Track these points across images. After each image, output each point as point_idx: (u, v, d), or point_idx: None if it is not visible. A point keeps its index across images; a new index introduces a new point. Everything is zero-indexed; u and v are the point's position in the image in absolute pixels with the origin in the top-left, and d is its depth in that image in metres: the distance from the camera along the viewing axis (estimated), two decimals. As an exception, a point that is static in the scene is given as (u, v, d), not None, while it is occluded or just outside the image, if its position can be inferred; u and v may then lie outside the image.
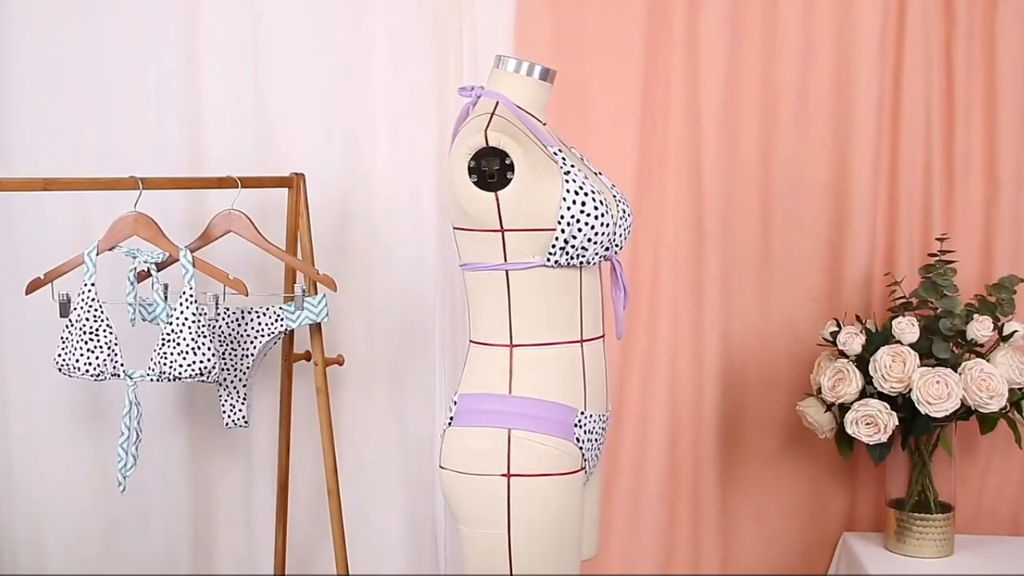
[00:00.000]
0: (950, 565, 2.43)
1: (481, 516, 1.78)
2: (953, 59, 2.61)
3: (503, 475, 1.76)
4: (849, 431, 2.37)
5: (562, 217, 1.73)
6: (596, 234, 1.76)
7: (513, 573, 1.77)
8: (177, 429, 2.60)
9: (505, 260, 1.77)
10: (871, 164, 2.61)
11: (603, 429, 1.89)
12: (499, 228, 1.75)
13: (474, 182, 1.72)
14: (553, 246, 1.75)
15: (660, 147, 2.63)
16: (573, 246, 1.75)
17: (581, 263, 1.78)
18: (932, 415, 2.31)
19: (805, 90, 2.63)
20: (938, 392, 2.29)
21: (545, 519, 1.78)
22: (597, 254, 1.79)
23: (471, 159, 1.72)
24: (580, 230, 1.74)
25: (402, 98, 2.61)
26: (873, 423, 2.34)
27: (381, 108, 2.61)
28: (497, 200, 1.72)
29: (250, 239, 2.27)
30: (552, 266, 1.77)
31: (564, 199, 1.74)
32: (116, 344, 2.12)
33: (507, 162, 1.71)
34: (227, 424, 2.34)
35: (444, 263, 2.65)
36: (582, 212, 1.74)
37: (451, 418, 1.84)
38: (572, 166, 1.79)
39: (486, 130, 1.72)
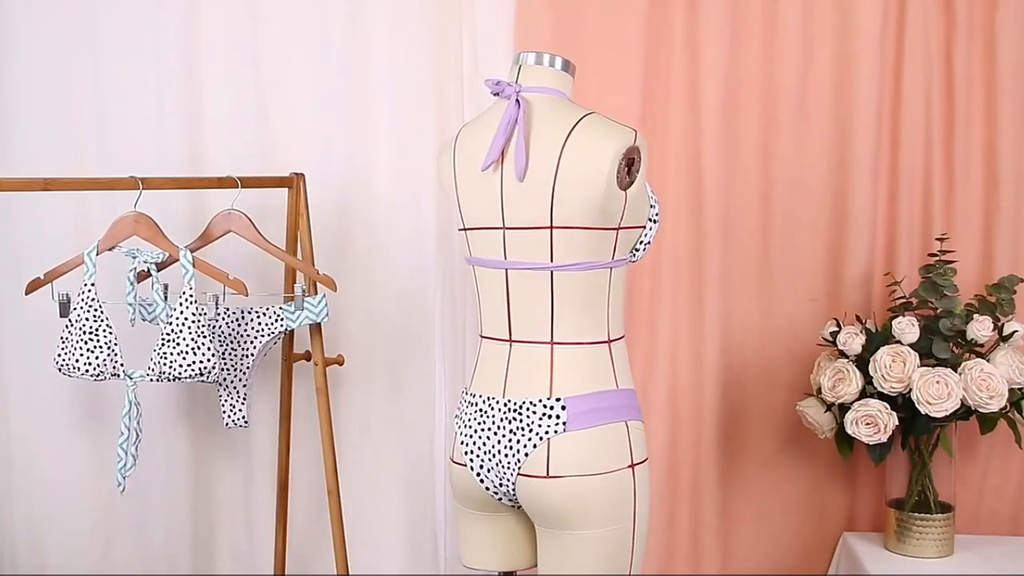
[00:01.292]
0: (950, 565, 2.43)
1: (613, 513, 1.79)
2: (953, 59, 2.61)
3: (628, 466, 1.80)
4: (849, 431, 2.37)
5: (651, 216, 1.85)
6: (658, 231, 1.89)
7: (633, 561, 1.83)
8: (177, 429, 2.60)
9: (612, 258, 1.81)
10: (871, 164, 2.61)
11: None
12: (617, 226, 1.79)
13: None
14: (641, 242, 1.86)
15: (660, 147, 2.63)
16: (649, 242, 1.87)
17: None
18: (932, 415, 2.31)
19: (805, 90, 2.63)
20: (938, 392, 2.29)
21: (649, 500, 1.86)
22: None
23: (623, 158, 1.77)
24: (657, 226, 1.87)
25: (402, 98, 2.61)
26: (873, 423, 2.34)
27: (381, 108, 2.61)
28: (626, 198, 1.77)
29: (250, 239, 2.27)
30: (633, 262, 1.88)
31: (651, 197, 1.86)
32: (116, 344, 2.12)
33: (639, 160, 1.78)
34: (227, 424, 2.34)
35: (444, 263, 2.65)
36: (659, 211, 1.88)
37: (563, 423, 1.78)
38: None
39: (635, 130, 1.78)
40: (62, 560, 2.58)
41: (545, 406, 1.79)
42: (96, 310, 2.11)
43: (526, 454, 1.79)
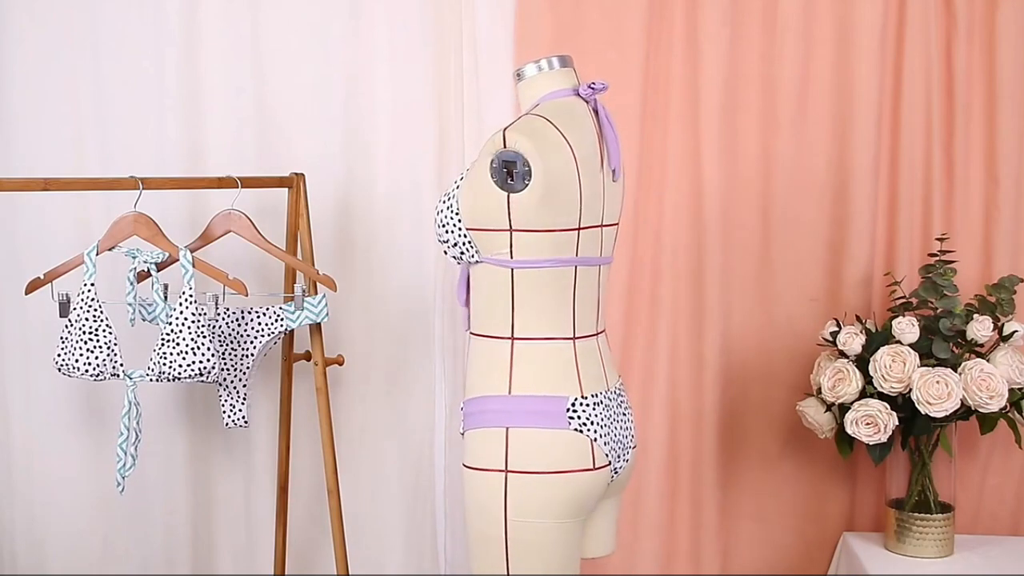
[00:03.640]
0: (950, 565, 2.42)
1: None
2: (953, 59, 2.61)
3: None
4: (849, 431, 2.37)
5: None
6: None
7: None
8: (177, 429, 2.60)
9: None
10: (871, 164, 2.61)
11: None
12: None
13: None
14: None
15: (660, 147, 2.63)
16: None
17: None
18: (932, 415, 2.31)
19: (805, 90, 2.63)
20: (938, 392, 2.29)
21: None
22: None
23: None
24: None
25: (402, 98, 2.61)
26: (873, 423, 2.34)
27: (381, 108, 2.61)
28: None
29: (250, 239, 2.27)
30: None
31: None
32: (116, 344, 2.12)
33: None
34: (227, 424, 2.34)
35: (444, 263, 2.64)
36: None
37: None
38: None
39: None
40: (62, 559, 2.58)
41: (623, 384, 1.96)
42: (96, 310, 2.11)
43: (634, 429, 1.96)
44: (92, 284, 2.11)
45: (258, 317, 2.30)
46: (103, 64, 2.53)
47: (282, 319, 2.29)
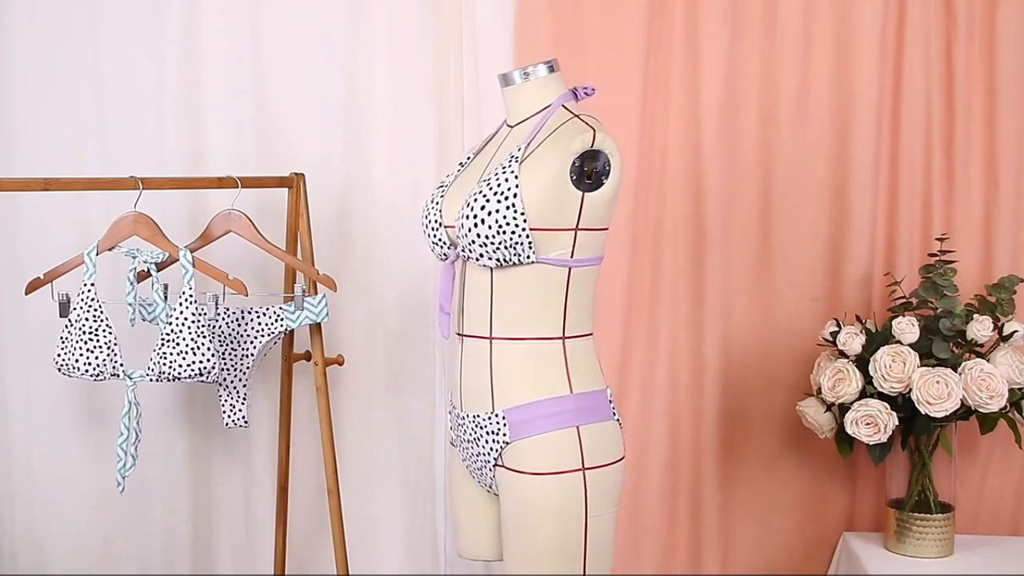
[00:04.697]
0: (950, 565, 2.42)
1: None
2: (953, 59, 2.61)
3: None
4: (849, 431, 2.37)
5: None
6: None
7: None
8: (177, 429, 2.60)
9: None
10: (871, 164, 2.61)
11: (475, 430, 1.88)
12: None
13: None
14: None
15: (660, 147, 2.63)
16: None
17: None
18: (932, 415, 2.31)
19: (805, 90, 2.63)
20: (938, 392, 2.29)
21: None
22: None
23: None
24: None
25: (402, 98, 2.61)
26: (873, 423, 2.34)
27: (381, 108, 2.61)
28: None
29: (250, 239, 2.27)
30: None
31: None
32: (116, 344, 2.12)
33: None
34: (227, 424, 2.34)
35: (444, 263, 2.65)
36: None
37: None
38: None
39: None
40: (62, 559, 2.58)
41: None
42: (96, 310, 2.11)
43: None
44: (92, 284, 2.11)
45: (258, 317, 2.30)
46: (103, 64, 2.53)
47: (282, 319, 2.29)
